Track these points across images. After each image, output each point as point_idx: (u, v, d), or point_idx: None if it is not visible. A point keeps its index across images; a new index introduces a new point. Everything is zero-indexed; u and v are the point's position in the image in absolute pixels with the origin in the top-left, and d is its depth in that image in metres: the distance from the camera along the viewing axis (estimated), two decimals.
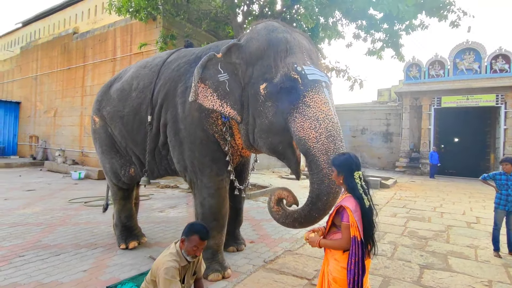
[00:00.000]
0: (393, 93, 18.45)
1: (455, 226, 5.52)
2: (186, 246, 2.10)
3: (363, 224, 1.79)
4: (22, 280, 2.98)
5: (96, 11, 12.80)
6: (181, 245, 2.14)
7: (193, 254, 2.12)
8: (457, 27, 6.77)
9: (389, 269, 3.52)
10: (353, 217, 1.77)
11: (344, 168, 1.90)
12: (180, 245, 2.15)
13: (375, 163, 18.11)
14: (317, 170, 2.27)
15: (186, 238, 2.12)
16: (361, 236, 1.76)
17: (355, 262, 1.73)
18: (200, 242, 2.10)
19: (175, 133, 3.10)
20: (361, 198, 1.81)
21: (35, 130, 14.98)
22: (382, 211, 6.64)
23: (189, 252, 2.11)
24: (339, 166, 1.92)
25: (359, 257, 1.73)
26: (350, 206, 1.80)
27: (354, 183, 1.84)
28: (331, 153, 2.24)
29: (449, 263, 3.79)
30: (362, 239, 1.76)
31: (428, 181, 12.74)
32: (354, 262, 1.73)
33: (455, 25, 6.74)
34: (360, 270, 1.72)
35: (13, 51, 17.08)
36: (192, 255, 2.12)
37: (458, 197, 8.83)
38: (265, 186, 8.94)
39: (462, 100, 14.82)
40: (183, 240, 2.13)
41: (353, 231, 1.77)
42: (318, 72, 2.55)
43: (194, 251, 2.10)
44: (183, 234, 2.15)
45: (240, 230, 4.09)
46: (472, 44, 14.74)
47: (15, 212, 5.52)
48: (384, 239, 4.66)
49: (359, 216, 1.78)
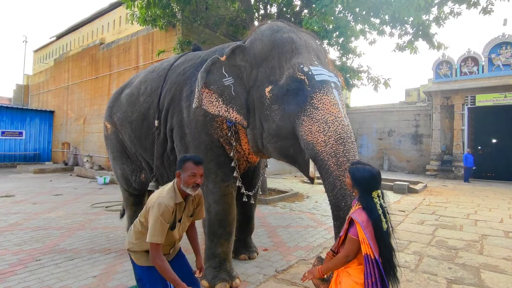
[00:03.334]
0: (422, 93, 17.55)
1: (490, 236, 5.03)
2: (183, 178, 1.96)
3: (380, 248, 1.59)
4: (34, 284, 3.03)
5: (120, 22, 13.33)
6: (178, 181, 2.00)
7: (193, 183, 1.95)
8: (490, 13, 6.24)
9: (411, 283, 3.23)
10: (363, 233, 1.58)
11: (361, 185, 1.69)
12: (177, 182, 2.01)
13: (403, 167, 17.28)
14: (327, 175, 2.11)
15: (180, 170, 1.98)
16: (374, 254, 1.56)
17: (372, 283, 1.53)
18: (196, 167, 1.96)
19: (181, 138, 3.04)
20: (378, 221, 1.60)
21: (66, 137, 15.78)
22: (409, 218, 6.23)
23: (188, 183, 1.95)
24: (357, 180, 1.70)
25: (376, 278, 1.53)
26: (360, 221, 1.61)
27: (372, 204, 1.63)
28: (340, 155, 2.07)
29: (481, 277, 3.41)
30: (377, 258, 1.56)
31: (462, 186, 11.90)
32: (371, 283, 1.54)
33: (487, 11, 6.23)
34: None
35: (48, 63, 18.19)
36: (192, 185, 1.96)
37: (496, 203, 8.12)
38: (285, 191, 8.73)
39: (499, 98, 13.78)
40: (179, 174, 1.99)
41: (364, 249, 1.58)
42: (326, 72, 2.39)
43: (193, 179, 1.95)
44: (177, 168, 2.03)
45: (253, 237, 3.98)
46: (509, 37, 13.71)
47: (40, 216, 5.75)
48: (409, 248, 4.33)
49: (371, 232, 1.58)
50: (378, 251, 1.60)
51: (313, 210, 6.83)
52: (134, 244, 2.06)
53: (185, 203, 2.07)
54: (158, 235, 1.85)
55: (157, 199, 1.92)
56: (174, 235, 2.05)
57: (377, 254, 1.59)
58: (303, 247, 4.34)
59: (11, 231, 4.73)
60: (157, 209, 1.87)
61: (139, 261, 2.06)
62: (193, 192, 1.99)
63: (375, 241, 1.60)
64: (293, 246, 4.36)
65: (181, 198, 2.00)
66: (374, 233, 1.60)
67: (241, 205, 3.47)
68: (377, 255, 1.59)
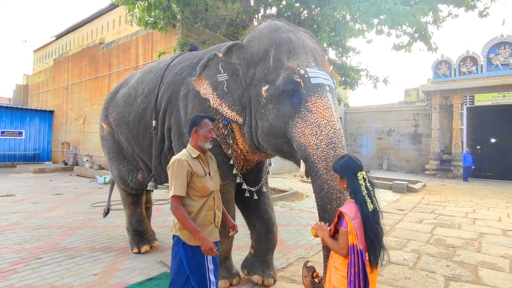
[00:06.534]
0: (421, 93, 17.60)
1: (488, 234, 5.07)
2: (202, 133, 2.16)
3: (366, 230, 1.63)
4: (36, 282, 3.06)
5: (120, 22, 13.34)
6: (195, 138, 2.18)
7: (210, 137, 2.18)
8: (486, 16, 6.31)
9: (410, 281, 3.26)
10: (352, 224, 1.63)
11: (346, 171, 1.77)
12: (193, 139, 2.19)
13: (403, 166, 17.33)
14: (316, 177, 2.17)
15: (197, 126, 2.17)
16: (360, 245, 1.61)
17: (354, 273, 1.58)
18: (212, 124, 2.22)
19: (179, 137, 3.06)
20: (363, 202, 1.67)
21: (66, 137, 15.80)
22: (407, 216, 6.26)
23: (207, 137, 2.17)
24: (340, 169, 1.80)
25: (359, 268, 1.58)
26: (349, 213, 1.67)
27: (358, 185, 1.71)
28: (330, 160, 2.12)
29: (479, 275, 3.45)
30: (361, 249, 1.60)
31: (461, 185, 11.95)
32: (354, 273, 1.59)
33: (483, 15, 6.29)
34: (362, 282, 1.56)
35: (47, 63, 18.21)
36: (210, 139, 2.19)
37: (494, 202, 8.17)
38: (284, 190, 8.77)
39: (498, 98, 13.83)
40: (196, 130, 2.17)
41: (351, 239, 1.63)
42: (322, 75, 2.42)
43: (210, 133, 2.18)
44: (193, 126, 2.19)
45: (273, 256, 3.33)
46: (507, 37, 13.78)
47: (41, 215, 5.78)
48: (407, 247, 4.36)
49: (359, 223, 1.63)
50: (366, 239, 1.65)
51: (312, 209, 6.86)
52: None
53: (204, 158, 2.23)
54: (178, 187, 2.01)
55: (175, 157, 2.12)
56: (207, 184, 2.14)
57: (363, 246, 1.64)
58: (303, 245, 4.37)
59: (12, 230, 4.76)
60: (171, 165, 2.07)
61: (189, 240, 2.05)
62: (210, 146, 2.21)
63: (363, 231, 1.65)
64: (293, 245, 4.40)
65: (198, 152, 2.17)
66: (362, 221, 1.65)
67: (253, 205, 3.23)
68: (363, 246, 1.63)
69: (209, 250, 1.98)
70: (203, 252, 2.00)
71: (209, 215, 2.15)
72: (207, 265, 2.07)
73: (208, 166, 2.24)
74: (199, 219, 2.10)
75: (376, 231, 1.65)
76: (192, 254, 2.05)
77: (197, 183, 2.09)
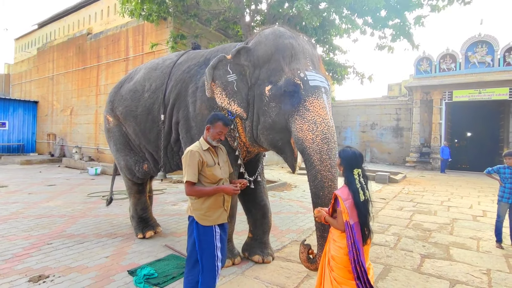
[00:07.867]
0: (403, 88, 18.33)
1: (460, 219, 5.63)
2: (212, 132, 2.41)
3: (358, 212, 1.98)
4: (52, 264, 3.29)
5: (108, 12, 13.18)
6: (207, 133, 2.44)
7: (218, 138, 2.43)
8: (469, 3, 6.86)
9: (391, 258, 3.70)
10: (344, 205, 1.99)
11: (346, 162, 2.10)
12: (206, 133, 2.45)
13: (385, 158, 18.08)
14: (311, 168, 2.53)
15: (211, 125, 2.42)
16: (350, 221, 1.96)
17: (351, 244, 1.94)
18: (224, 127, 2.43)
19: (187, 130, 3.33)
20: (356, 191, 2.01)
21: (52, 128, 15.56)
22: (389, 205, 6.77)
23: (214, 137, 2.41)
24: (343, 158, 2.13)
25: (353, 240, 1.93)
26: (342, 195, 2.02)
27: (352, 179, 2.04)
28: (324, 153, 2.48)
29: (450, 253, 3.94)
30: (352, 224, 1.96)
31: (438, 176, 12.71)
32: (350, 244, 1.94)
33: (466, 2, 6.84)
34: (359, 251, 1.92)
35: (30, 52, 17.72)
36: (217, 139, 2.43)
37: (467, 192, 8.86)
38: (274, 181, 9.17)
39: (474, 94, 14.63)
40: (209, 128, 2.43)
41: (345, 217, 1.98)
42: (318, 78, 2.76)
43: (219, 135, 2.42)
44: (208, 122, 2.45)
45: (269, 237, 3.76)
46: (484, 36, 14.51)
47: (39, 205, 5.91)
48: (389, 231, 4.82)
49: (351, 203, 1.99)
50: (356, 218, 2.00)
51: (301, 198, 7.28)
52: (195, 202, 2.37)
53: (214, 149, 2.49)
54: (190, 174, 2.29)
55: (188, 149, 2.38)
56: (216, 173, 2.40)
57: (354, 221, 1.98)
58: (295, 230, 4.75)
59: (15, 219, 4.90)
60: (185, 155, 2.34)
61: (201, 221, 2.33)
62: (217, 144, 2.48)
63: (354, 210, 2.00)
64: (285, 230, 4.77)
65: (208, 145, 2.43)
66: (353, 203, 2.00)
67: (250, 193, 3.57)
68: (353, 221, 1.98)
69: (234, 190, 2.33)
70: (234, 192, 2.34)
71: (218, 200, 2.44)
72: (216, 243, 2.37)
73: (218, 156, 2.52)
74: (210, 203, 2.38)
75: (366, 215, 2.01)
76: (203, 232, 2.36)
77: (207, 171, 2.37)
